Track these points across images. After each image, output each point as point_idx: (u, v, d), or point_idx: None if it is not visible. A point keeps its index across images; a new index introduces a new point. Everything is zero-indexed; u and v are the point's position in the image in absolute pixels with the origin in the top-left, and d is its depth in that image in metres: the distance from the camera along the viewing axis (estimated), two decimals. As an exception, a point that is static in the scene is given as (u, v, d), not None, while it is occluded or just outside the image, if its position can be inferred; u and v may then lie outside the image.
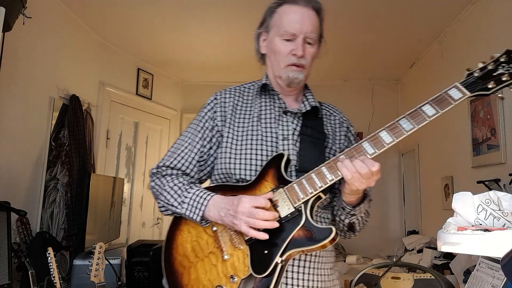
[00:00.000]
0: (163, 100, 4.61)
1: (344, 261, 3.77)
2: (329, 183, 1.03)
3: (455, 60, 3.07)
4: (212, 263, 1.09)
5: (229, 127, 1.20)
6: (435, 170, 3.48)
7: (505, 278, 0.98)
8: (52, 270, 2.00)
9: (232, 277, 1.05)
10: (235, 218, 1.02)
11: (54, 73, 3.00)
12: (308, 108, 1.22)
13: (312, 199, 1.05)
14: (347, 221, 1.15)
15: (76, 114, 3.08)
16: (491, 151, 2.49)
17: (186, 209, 1.11)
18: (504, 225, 0.96)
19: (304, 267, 1.12)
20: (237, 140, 1.18)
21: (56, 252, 2.19)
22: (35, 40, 2.73)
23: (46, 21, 2.85)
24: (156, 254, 2.87)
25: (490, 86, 0.99)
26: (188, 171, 1.20)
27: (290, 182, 1.07)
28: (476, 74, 1.01)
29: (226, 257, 1.07)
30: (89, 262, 2.00)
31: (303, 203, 1.04)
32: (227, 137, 1.19)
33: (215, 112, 1.23)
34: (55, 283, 2.00)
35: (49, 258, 2.02)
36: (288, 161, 1.11)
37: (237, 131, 1.20)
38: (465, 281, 2.18)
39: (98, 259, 1.99)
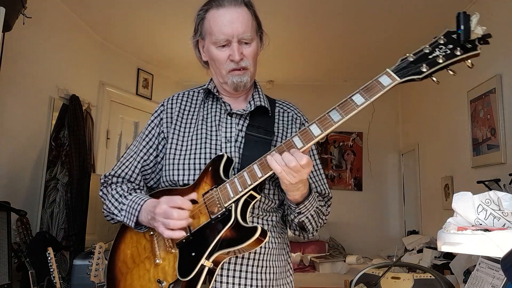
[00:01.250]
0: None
1: (344, 261, 3.77)
2: (259, 180, 1.00)
3: (455, 60, 3.07)
4: (146, 268, 1.08)
5: (173, 133, 1.19)
6: (435, 170, 3.48)
7: (505, 278, 0.98)
8: (52, 270, 2.00)
9: (160, 281, 1.03)
10: (154, 220, 1.01)
11: (54, 73, 3.00)
12: (253, 108, 1.18)
13: (243, 198, 1.02)
14: (296, 220, 1.11)
15: (76, 114, 3.08)
16: (491, 151, 2.49)
17: (124, 216, 1.11)
18: (504, 225, 0.96)
19: (240, 271, 1.08)
20: (181, 145, 1.17)
21: (56, 252, 2.19)
22: (35, 40, 2.73)
23: (46, 21, 2.85)
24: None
25: (423, 69, 0.93)
26: (132, 179, 1.20)
27: (224, 181, 1.05)
28: (410, 59, 0.95)
29: (158, 261, 1.06)
30: (89, 262, 2.00)
31: (233, 202, 1.01)
32: (171, 143, 1.18)
33: (161, 119, 1.22)
34: (55, 283, 2.00)
35: (49, 258, 2.02)
36: (230, 162, 1.09)
37: (182, 136, 1.18)
38: (465, 281, 2.18)
39: (98, 259, 1.99)
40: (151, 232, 1.10)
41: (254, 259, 1.10)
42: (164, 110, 1.23)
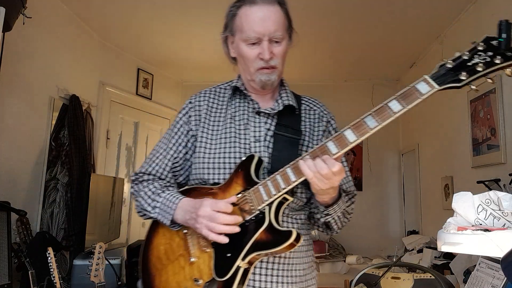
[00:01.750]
0: (163, 100, 4.61)
1: (344, 261, 3.77)
2: (293, 184, 1.01)
3: (455, 60, 3.07)
4: (181, 266, 1.10)
5: (202, 131, 1.20)
6: (435, 170, 3.48)
7: (505, 278, 0.98)
8: (52, 270, 2.00)
9: (196, 280, 1.05)
10: (197, 222, 1.03)
11: (54, 73, 3.00)
12: (281, 107, 1.19)
13: (277, 201, 1.03)
14: (322, 220, 1.13)
15: (76, 114, 3.08)
16: (491, 151, 2.49)
17: (158, 213, 1.13)
18: (504, 225, 0.96)
19: (272, 269, 1.10)
20: (210, 144, 1.18)
21: (56, 252, 2.19)
22: (35, 40, 2.73)
23: (46, 21, 2.85)
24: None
25: (462, 77, 0.90)
26: (162, 176, 1.22)
27: (257, 183, 1.05)
28: (448, 66, 0.92)
29: (193, 259, 1.08)
30: (89, 262, 2.00)
31: (267, 205, 1.02)
32: (201, 141, 1.19)
33: (189, 116, 1.23)
34: (55, 283, 2.00)
35: (49, 258, 2.02)
36: (260, 162, 1.09)
37: (211, 134, 1.19)
38: (465, 281, 2.18)
39: (98, 259, 1.99)
40: (185, 230, 1.11)
41: (285, 258, 1.12)
42: (192, 107, 1.24)
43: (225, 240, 1.00)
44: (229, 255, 1.02)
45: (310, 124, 1.22)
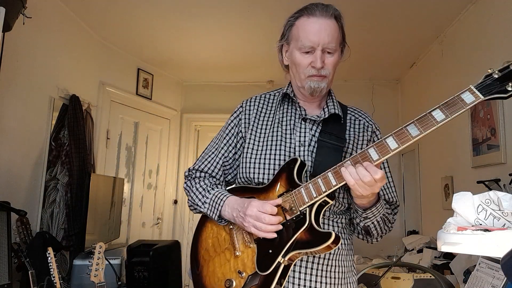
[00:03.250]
0: (163, 100, 4.61)
1: (344, 261, 3.76)
2: (333, 188, 1.04)
3: (455, 60, 3.07)
4: (227, 258, 1.18)
5: (251, 133, 1.28)
6: (435, 170, 3.48)
7: (505, 278, 0.98)
8: (52, 270, 2.00)
9: (240, 272, 1.13)
10: (244, 220, 1.11)
11: (54, 73, 3.00)
12: (327, 115, 1.24)
13: (317, 203, 1.07)
14: (362, 224, 1.17)
15: (76, 114, 3.08)
16: (491, 151, 2.49)
17: (208, 208, 1.22)
18: (504, 225, 0.95)
19: (312, 268, 1.16)
20: (258, 146, 1.26)
21: (56, 252, 2.19)
22: (35, 40, 2.73)
23: (46, 21, 2.85)
24: (156, 254, 2.87)
25: (509, 88, 0.90)
26: (214, 174, 1.32)
27: (299, 185, 1.11)
28: (495, 76, 0.92)
29: (238, 253, 1.16)
30: (89, 262, 2.00)
31: (307, 206, 1.07)
32: (249, 143, 1.27)
33: (240, 119, 1.32)
34: (55, 283, 2.00)
35: (49, 258, 2.02)
36: (303, 166, 1.15)
37: (259, 137, 1.27)
38: (465, 281, 2.18)
39: (98, 259, 1.99)
40: (231, 226, 1.20)
41: (325, 258, 1.18)
42: (242, 111, 1.32)
43: (273, 235, 1.08)
44: (270, 251, 1.09)
45: (355, 133, 1.27)
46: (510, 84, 0.89)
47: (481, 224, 0.99)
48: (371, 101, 4.49)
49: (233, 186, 1.31)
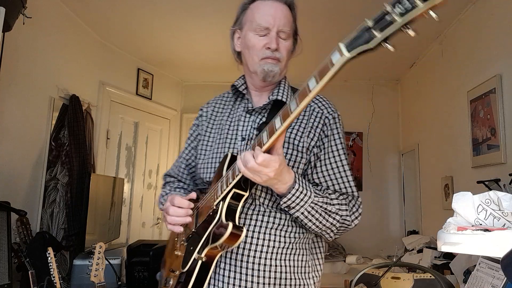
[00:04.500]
0: (163, 100, 4.61)
1: (344, 261, 3.77)
2: (236, 179, 0.99)
3: (455, 60, 3.07)
4: (173, 258, 1.23)
5: (204, 134, 1.29)
6: (435, 170, 3.48)
7: (505, 278, 0.98)
8: (52, 270, 2.00)
9: (173, 270, 1.17)
10: (164, 216, 1.16)
11: (54, 73, 3.00)
12: (265, 102, 1.18)
13: (229, 196, 1.03)
14: (293, 216, 1.07)
15: (76, 114, 3.08)
16: (491, 151, 2.49)
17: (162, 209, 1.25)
18: (504, 225, 0.96)
19: (241, 267, 1.09)
20: (207, 146, 1.26)
21: (56, 252, 2.19)
22: (35, 40, 2.73)
23: (46, 21, 2.85)
24: (156, 254, 2.87)
25: (374, 34, 0.74)
26: (179, 177, 1.36)
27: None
28: (368, 24, 0.75)
29: (176, 252, 1.20)
30: (89, 262, 2.00)
31: (220, 200, 1.05)
32: (202, 144, 1.28)
33: (200, 121, 1.33)
34: (55, 283, 2.00)
35: (49, 258, 2.02)
36: (234, 160, 1.06)
37: (211, 137, 1.27)
38: (465, 281, 2.18)
39: (98, 259, 1.99)
40: None
41: (255, 257, 1.09)
42: (201, 114, 1.34)
43: (179, 229, 1.12)
44: (191, 248, 1.10)
45: (302, 120, 1.17)
46: (377, 29, 0.72)
47: (481, 224, 0.99)
48: (371, 101, 4.49)
49: (196, 188, 1.34)
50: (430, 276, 1.74)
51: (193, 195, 1.14)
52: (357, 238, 4.22)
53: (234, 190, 1.03)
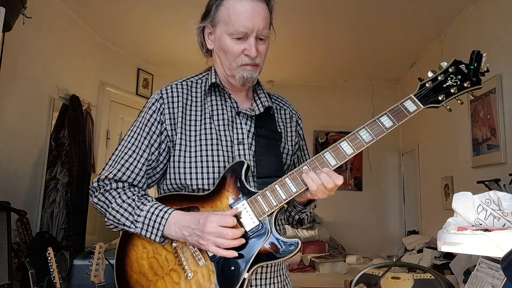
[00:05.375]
0: (163, 100, 4.61)
1: (344, 261, 3.77)
2: (293, 195, 1.01)
3: (455, 60, 3.07)
4: (175, 281, 1.02)
5: (180, 132, 1.09)
6: (435, 170, 3.48)
7: (505, 278, 0.98)
8: (52, 270, 2.00)
9: None
10: (202, 239, 0.96)
11: (54, 73, 3.00)
12: (262, 110, 1.15)
13: (276, 211, 1.03)
14: (297, 217, 1.17)
15: (76, 114, 3.08)
16: (491, 151, 2.49)
17: (142, 228, 1.02)
18: (504, 225, 0.95)
19: (266, 272, 1.12)
20: (190, 146, 1.08)
21: (56, 252, 2.19)
22: (35, 40, 2.73)
23: (46, 21, 2.85)
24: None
25: (440, 98, 1.03)
26: (135, 182, 1.08)
27: (253, 192, 1.03)
28: (428, 85, 1.05)
29: (190, 275, 1.01)
30: (89, 262, 2.00)
31: (268, 215, 1.01)
32: (179, 144, 1.09)
33: (162, 114, 1.10)
34: (55, 283, 2.00)
35: (49, 258, 2.02)
36: (247, 168, 1.06)
37: (189, 135, 1.09)
38: (465, 281, 2.18)
39: (98, 259, 1.99)
40: (174, 244, 1.03)
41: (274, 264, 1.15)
42: (164, 103, 1.10)
43: (235, 254, 0.97)
44: (233, 268, 0.99)
45: (284, 124, 1.21)
46: (442, 95, 1.03)
47: (481, 224, 0.99)
48: (371, 101, 4.49)
49: (165, 194, 1.11)
50: (430, 276, 1.73)
51: (235, 211, 1.01)
52: (357, 238, 4.22)
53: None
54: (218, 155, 1.08)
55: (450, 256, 2.70)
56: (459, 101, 1.04)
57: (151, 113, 1.10)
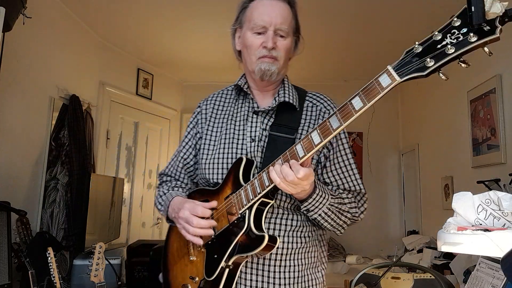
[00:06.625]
0: (163, 100, 4.61)
1: (344, 261, 3.77)
2: (266, 189, 1.01)
3: (455, 60, 3.07)
4: (185, 263, 1.18)
5: (206, 133, 1.25)
6: (435, 170, 3.48)
7: (505, 278, 0.98)
8: (52, 270, 2.00)
9: (193, 278, 1.13)
10: (177, 222, 1.12)
11: (54, 73, 3.00)
12: (274, 105, 1.18)
13: (256, 205, 1.04)
14: (310, 218, 1.12)
15: (76, 114, 3.08)
16: (491, 151, 2.49)
17: (162, 210, 1.24)
18: (504, 225, 0.95)
19: (263, 270, 1.12)
20: (213, 144, 1.22)
21: (56, 252, 2.19)
22: (35, 40, 2.73)
23: (46, 21, 2.85)
24: (156, 254, 2.87)
25: (428, 64, 0.77)
26: (177, 177, 1.32)
27: (242, 186, 1.08)
28: (416, 51, 0.80)
29: (192, 258, 1.15)
30: (89, 262, 2.00)
31: (247, 209, 1.04)
32: (204, 143, 1.24)
33: (197, 120, 1.30)
34: (55, 283, 2.00)
35: (49, 258, 2.02)
36: (251, 163, 1.11)
37: (214, 135, 1.23)
38: (465, 281, 2.18)
39: (98, 259, 1.99)
40: None
41: (276, 259, 1.13)
42: (200, 111, 1.30)
43: (199, 241, 1.07)
44: (215, 256, 1.07)
45: (310, 121, 1.19)
46: (429, 58, 0.75)
47: (481, 224, 0.99)
48: (371, 101, 4.49)
49: (195, 188, 1.29)
50: (430, 276, 1.73)
51: (214, 203, 1.11)
52: (357, 238, 4.22)
53: (264, 199, 1.05)
54: (231, 152, 1.17)
55: (450, 256, 2.70)
56: (462, 64, 0.75)
57: (191, 120, 1.33)
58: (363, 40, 3.55)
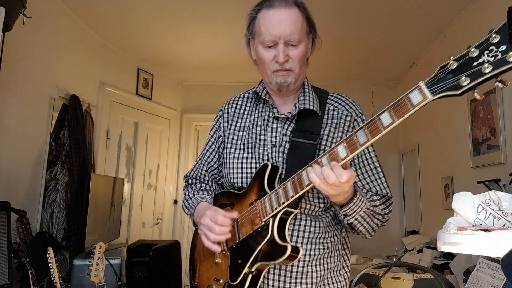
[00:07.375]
0: (163, 100, 4.61)
1: (344, 261, 3.77)
2: (291, 200, 1.00)
3: (455, 60, 3.07)
4: (211, 264, 1.20)
5: (228, 136, 1.27)
6: (435, 170, 3.48)
7: (505, 278, 0.98)
8: (52, 270, 2.00)
9: (217, 280, 1.15)
10: (199, 228, 1.14)
11: (54, 73, 3.00)
12: (295, 112, 1.17)
13: (280, 214, 1.04)
14: (345, 222, 1.10)
15: (76, 114, 3.08)
16: (491, 151, 2.49)
17: (189, 214, 1.28)
18: (504, 225, 0.95)
19: (285, 276, 1.13)
20: (236, 148, 1.24)
21: (56, 252, 2.19)
22: (35, 40, 2.73)
23: (46, 21, 2.85)
24: (156, 254, 2.87)
25: (463, 83, 0.71)
26: (201, 179, 1.36)
27: (266, 194, 1.07)
28: (450, 67, 0.73)
29: (217, 260, 1.17)
30: (89, 262, 2.00)
31: (271, 217, 1.04)
32: (227, 146, 1.26)
33: (220, 123, 1.32)
34: (55, 283, 2.00)
35: (49, 258, 2.02)
36: (275, 170, 1.11)
37: (236, 139, 1.25)
38: (465, 281, 2.18)
39: (98, 259, 1.99)
40: None
41: (298, 266, 1.13)
42: (222, 115, 1.32)
43: (217, 249, 1.09)
44: (239, 261, 1.08)
45: (331, 125, 1.18)
46: (464, 77, 0.70)
47: (481, 224, 0.99)
48: (371, 101, 4.49)
49: (220, 191, 1.29)
50: (430, 276, 1.74)
51: (235, 214, 1.10)
52: (357, 238, 4.21)
53: (288, 208, 1.04)
54: (253, 157, 1.19)
55: (450, 256, 2.70)
56: (499, 85, 0.70)
57: (214, 123, 1.36)
58: (362, 40, 3.56)
